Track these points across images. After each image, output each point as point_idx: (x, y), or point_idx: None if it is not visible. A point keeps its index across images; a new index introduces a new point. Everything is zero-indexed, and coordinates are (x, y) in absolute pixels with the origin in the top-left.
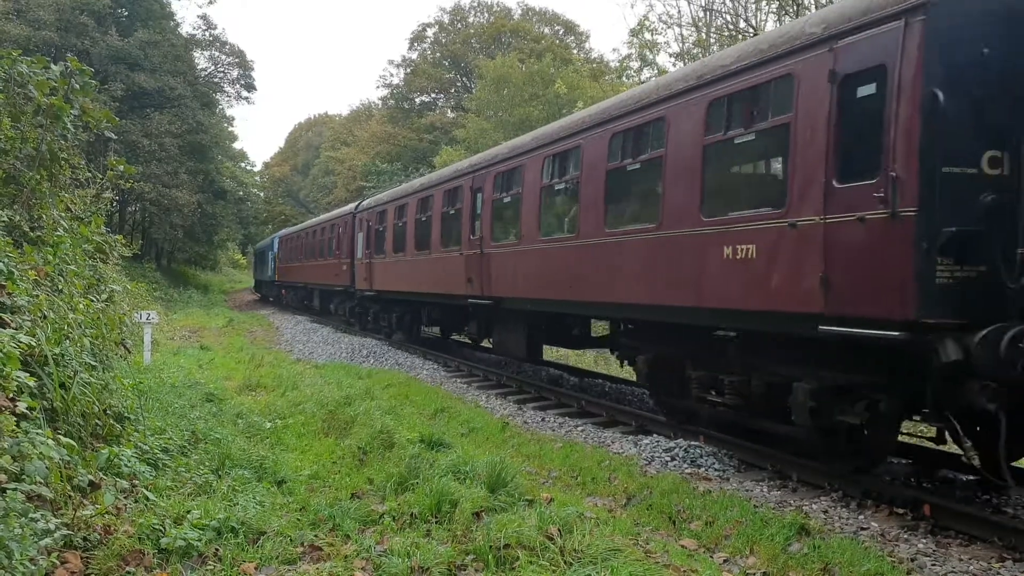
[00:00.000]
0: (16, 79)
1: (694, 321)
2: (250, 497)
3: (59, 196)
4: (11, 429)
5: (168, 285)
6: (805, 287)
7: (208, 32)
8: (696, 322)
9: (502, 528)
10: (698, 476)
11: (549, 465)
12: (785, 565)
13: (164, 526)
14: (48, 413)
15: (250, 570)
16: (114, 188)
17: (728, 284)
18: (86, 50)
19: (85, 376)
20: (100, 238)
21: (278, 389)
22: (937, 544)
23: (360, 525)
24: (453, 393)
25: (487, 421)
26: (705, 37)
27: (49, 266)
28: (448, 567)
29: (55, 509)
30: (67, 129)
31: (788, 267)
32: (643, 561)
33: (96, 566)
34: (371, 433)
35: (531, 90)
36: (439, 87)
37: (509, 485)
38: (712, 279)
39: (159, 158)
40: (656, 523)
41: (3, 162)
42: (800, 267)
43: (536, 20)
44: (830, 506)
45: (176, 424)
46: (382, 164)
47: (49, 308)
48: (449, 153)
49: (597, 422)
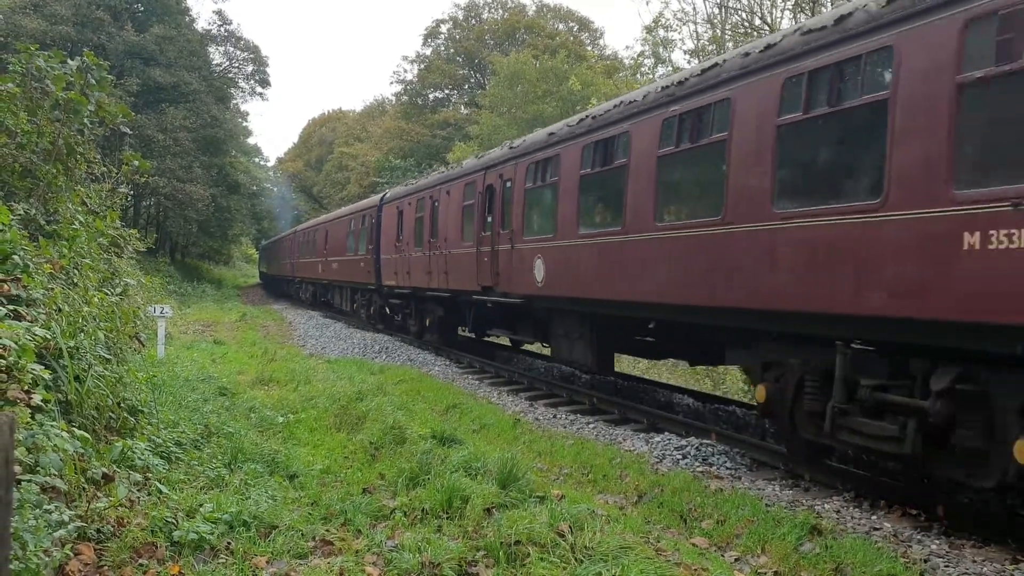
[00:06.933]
0: (33, 73)
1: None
2: (262, 491)
3: (75, 190)
4: (26, 421)
5: (182, 279)
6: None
7: (223, 28)
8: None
9: (513, 524)
10: (710, 474)
11: (560, 462)
12: (797, 565)
13: (177, 519)
14: (63, 406)
15: (262, 564)
16: (129, 183)
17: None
18: (102, 45)
19: (99, 369)
20: (115, 232)
21: (291, 384)
22: (951, 545)
23: (371, 520)
24: (465, 389)
25: (499, 418)
26: (720, 34)
27: (64, 259)
28: (459, 563)
29: (69, 501)
30: (83, 124)
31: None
32: (654, 559)
33: (109, 558)
34: (383, 428)
35: (545, 87)
36: (453, 83)
37: (520, 482)
38: (768, 280)
39: (174, 152)
40: (667, 521)
41: (20, 156)
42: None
43: (550, 16)
44: (842, 506)
45: (189, 418)
46: (395, 160)
47: (64, 301)
48: (462, 149)
49: (608, 419)
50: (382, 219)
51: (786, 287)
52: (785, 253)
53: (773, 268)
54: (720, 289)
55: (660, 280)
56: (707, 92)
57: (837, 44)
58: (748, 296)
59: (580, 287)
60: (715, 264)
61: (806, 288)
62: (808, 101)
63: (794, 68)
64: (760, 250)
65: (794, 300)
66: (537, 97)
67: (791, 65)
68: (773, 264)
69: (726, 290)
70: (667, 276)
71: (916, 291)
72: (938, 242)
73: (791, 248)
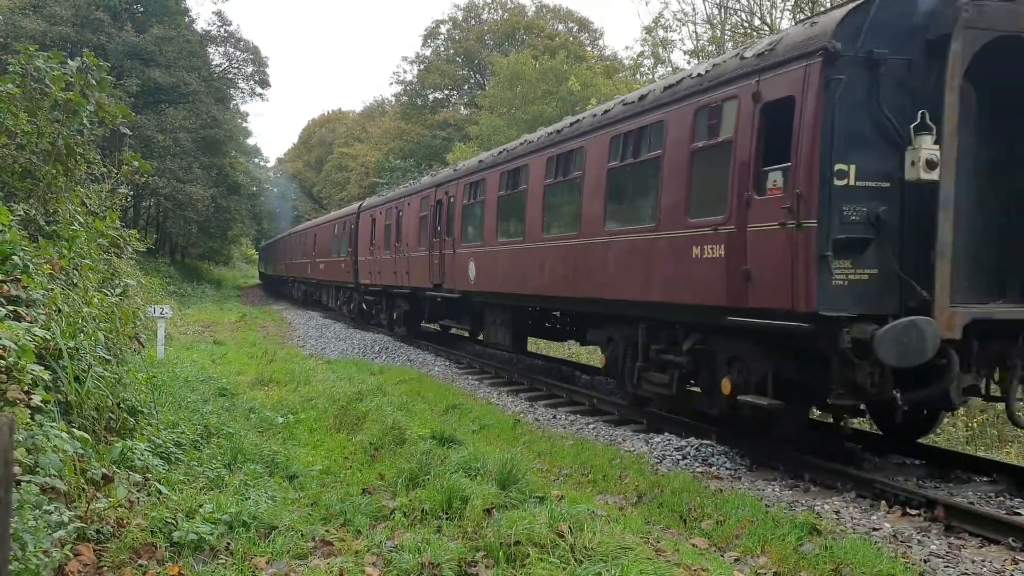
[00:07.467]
0: (33, 74)
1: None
2: (262, 492)
3: (74, 191)
4: (26, 422)
5: (182, 280)
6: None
7: (223, 28)
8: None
9: (513, 525)
10: (709, 475)
11: (560, 462)
12: (796, 565)
13: (176, 520)
14: (62, 406)
15: (261, 564)
16: (129, 183)
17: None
18: (102, 46)
19: (99, 370)
20: (115, 232)
21: (290, 384)
22: (950, 546)
23: (371, 520)
24: (464, 390)
25: (498, 418)
26: (720, 35)
27: (64, 260)
28: (459, 563)
29: (69, 502)
30: (83, 124)
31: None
32: (653, 559)
33: (109, 559)
34: (383, 429)
35: (544, 87)
36: (452, 84)
37: (520, 482)
38: (604, 276)
39: (173, 153)
40: (667, 522)
41: (20, 156)
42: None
43: (550, 17)
44: (842, 506)
45: (189, 418)
46: (395, 160)
47: (64, 302)
48: (462, 150)
49: (608, 420)
50: (359, 225)
51: (613, 282)
52: (611, 258)
53: (605, 269)
54: (581, 284)
55: (546, 278)
56: (571, 141)
57: (638, 115)
58: (595, 288)
59: (499, 284)
60: (576, 265)
61: (623, 283)
62: (623, 153)
63: (616, 129)
64: (599, 256)
65: (618, 291)
66: (537, 97)
67: (615, 127)
68: (605, 266)
69: (584, 285)
70: (550, 274)
71: (674, 284)
72: (682, 252)
73: (614, 254)
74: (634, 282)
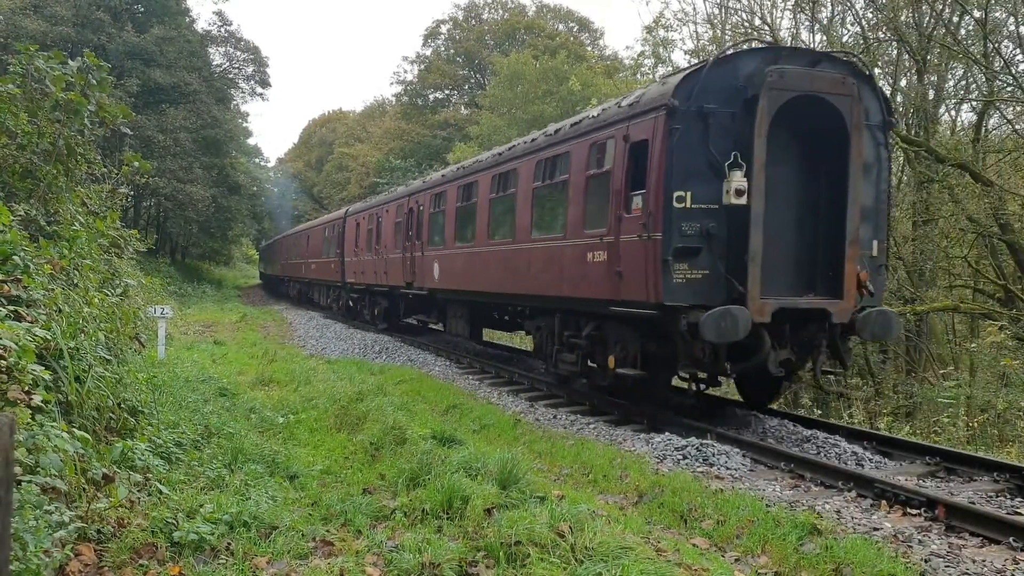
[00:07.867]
0: (33, 74)
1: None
2: (262, 491)
3: (75, 191)
4: (26, 422)
5: (182, 280)
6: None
7: (223, 28)
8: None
9: (513, 525)
10: (710, 475)
11: (560, 462)
12: (797, 565)
13: (177, 519)
14: (63, 406)
15: (262, 564)
16: (129, 183)
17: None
18: (102, 46)
19: (100, 370)
20: (115, 233)
21: (291, 384)
22: (951, 545)
23: (372, 520)
24: (465, 390)
25: (499, 418)
26: (720, 34)
27: (65, 260)
28: (459, 563)
29: (69, 502)
30: (84, 124)
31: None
32: (654, 559)
33: (109, 559)
34: (383, 429)
35: (545, 87)
36: (453, 84)
37: (520, 482)
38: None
39: (174, 153)
40: (667, 521)
41: (20, 156)
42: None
43: (550, 17)
44: (843, 506)
45: (189, 418)
46: (395, 160)
47: (64, 302)
48: (462, 150)
49: (609, 420)
50: (346, 229)
51: (537, 280)
52: (536, 260)
53: (532, 269)
54: (516, 282)
55: (492, 277)
56: (509, 163)
57: (554, 145)
58: (525, 286)
59: (457, 282)
60: (513, 266)
61: (544, 281)
62: (544, 175)
63: (540, 155)
64: (527, 259)
65: (540, 288)
66: (537, 97)
67: (539, 153)
68: (532, 267)
69: (518, 283)
70: (495, 274)
71: (576, 282)
72: (581, 257)
73: (538, 258)
74: (551, 280)
